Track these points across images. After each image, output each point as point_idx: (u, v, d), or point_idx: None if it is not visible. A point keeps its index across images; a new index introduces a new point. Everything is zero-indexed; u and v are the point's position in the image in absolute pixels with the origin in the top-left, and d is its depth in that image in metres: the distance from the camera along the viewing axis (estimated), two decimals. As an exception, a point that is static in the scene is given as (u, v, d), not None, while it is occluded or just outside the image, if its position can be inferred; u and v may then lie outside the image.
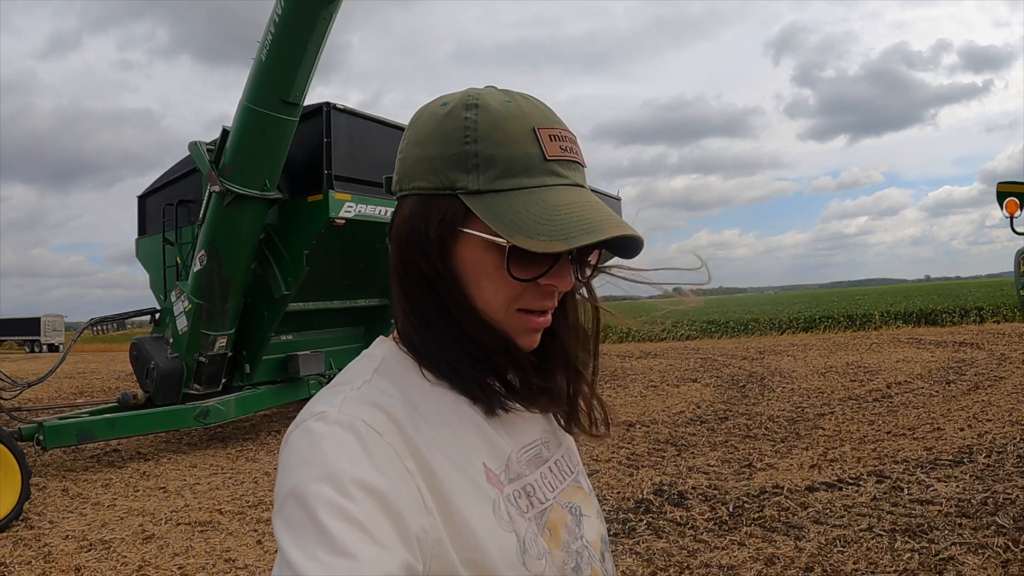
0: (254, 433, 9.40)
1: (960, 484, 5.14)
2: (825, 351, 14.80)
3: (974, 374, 10.24)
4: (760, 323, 24.73)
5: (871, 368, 11.70)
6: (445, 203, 0.77)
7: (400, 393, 0.77)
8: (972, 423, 7.12)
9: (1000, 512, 4.48)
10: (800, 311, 28.14)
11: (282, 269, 8.08)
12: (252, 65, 7.08)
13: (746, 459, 6.34)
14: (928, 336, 16.62)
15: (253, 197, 7.51)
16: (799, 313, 26.67)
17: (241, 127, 7.29)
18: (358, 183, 8.28)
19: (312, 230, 7.93)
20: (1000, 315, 21.46)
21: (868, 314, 24.05)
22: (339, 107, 8.18)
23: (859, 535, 4.27)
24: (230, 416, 8.39)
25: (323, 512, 0.61)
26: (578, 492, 0.89)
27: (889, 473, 5.53)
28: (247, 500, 6.01)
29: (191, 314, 8.05)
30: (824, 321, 23.81)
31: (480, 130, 0.76)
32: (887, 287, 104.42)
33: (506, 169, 0.75)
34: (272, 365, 8.89)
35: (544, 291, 0.80)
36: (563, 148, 0.78)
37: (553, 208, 0.74)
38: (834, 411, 8.35)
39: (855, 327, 22.52)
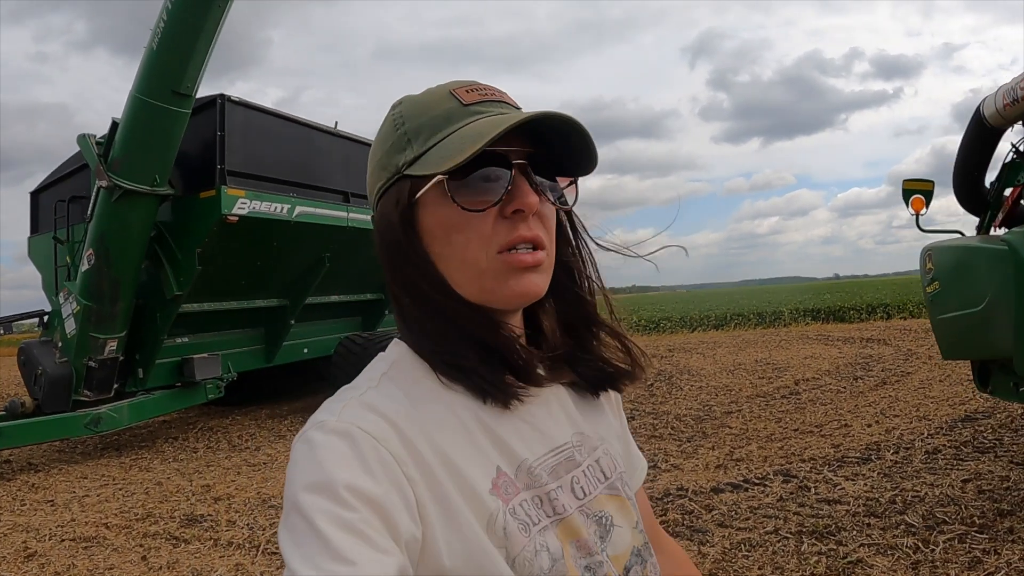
0: (150, 440, 9.10)
1: (868, 482, 5.13)
2: (734, 348, 15.02)
3: (881, 370, 10.48)
4: (671, 321, 25.09)
5: (780, 365, 11.88)
6: (397, 186, 0.82)
7: (407, 398, 0.78)
8: (879, 419, 7.22)
9: (909, 511, 4.47)
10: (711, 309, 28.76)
11: (174, 268, 7.90)
12: (143, 54, 6.91)
13: (651, 460, 6.22)
14: (836, 333, 17.09)
15: (142, 193, 7.34)
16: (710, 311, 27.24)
17: (130, 119, 7.15)
18: (254, 179, 8.14)
19: (204, 227, 7.77)
20: (906, 312, 22.35)
21: (778, 311, 24.73)
22: (234, 99, 8.04)
23: (764, 538, 4.17)
24: (123, 423, 8.13)
25: (321, 521, 0.62)
26: (613, 500, 0.87)
27: (796, 472, 5.50)
28: (135, 513, 5.79)
29: (80, 316, 7.79)
30: (735, 319, 24.35)
31: (406, 114, 0.83)
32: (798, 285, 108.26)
33: (432, 129, 0.80)
34: (167, 369, 8.62)
35: (515, 220, 0.79)
36: (481, 94, 0.83)
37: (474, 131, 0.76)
38: (741, 409, 8.37)
39: (765, 324, 23.05)
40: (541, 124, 0.79)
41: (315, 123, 9.39)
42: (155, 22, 6.71)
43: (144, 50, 6.91)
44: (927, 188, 5.32)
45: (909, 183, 5.33)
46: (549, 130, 0.80)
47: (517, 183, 0.79)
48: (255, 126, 8.43)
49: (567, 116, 0.78)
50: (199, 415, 10.64)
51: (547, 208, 0.83)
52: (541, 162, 0.82)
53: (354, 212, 9.40)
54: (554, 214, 0.86)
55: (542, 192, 0.81)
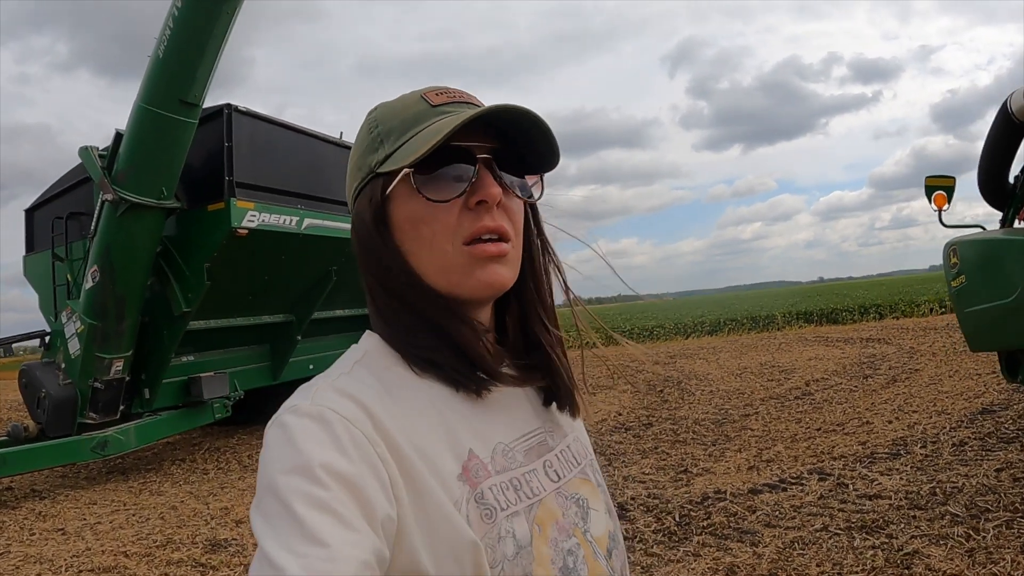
0: (157, 463, 8.89)
1: (903, 476, 5.17)
2: (736, 353, 15.08)
3: (888, 368, 10.56)
4: (665, 328, 25.17)
5: (785, 367, 11.93)
6: (370, 185, 0.84)
7: (379, 383, 0.79)
8: (899, 415, 7.27)
9: (951, 501, 4.52)
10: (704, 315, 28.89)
11: (182, 284, 7.68)
12: (148, 63, 6.72)
13: (680, 465, 6.24)
14: (833, 334, 17.19)
15: (149, 206, 7.13)
16: (703, 317, 27.37)
17: (136, 130, 6.94)
18: (262, 190, 7.97)
19: (213, 241, 7.57)
20: (898, 311, 22.57)
21: (771, 315, 24.90)
22: (241, 109, 7.87)
23: (816, 535, 4.18)
24: (130, 446, 7.89)
25: (294, 501, 0.63)
26: (585, 484, 0.89)
27: (830, 470, 5.52)
28: (154, 540, 5.55)
29: (84, 336, 7.58)
30: (729, 324, 24.45)
31: (379, 118, 0.86)
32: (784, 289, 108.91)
33: (402, 129, 0.83)
34: (174, 389, 8.39)
35: (479, 211, 0.81)
36: (449, 96, 0.86)
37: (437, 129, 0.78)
38: (758, 411, 8.40)
39: (759, 328, 23.17)
40: (505, 122, 0.82)
41: (320, 133, 9.26)
42: (161, 29, 6.53)
43: (149, 59, 6.74)
44: (949, 184, 5.40)
45: (931, 179, 5.41)
46: (512, 127, 0.83)
47: (481, 176, 0.81)
48: (262, 136, 8.28)
49: (524, 109, 0.80)
50: (204, 435, 10.47)
51: (513, 202, 0.85)
52: (508, 159, 0.84)
53: None
54: (521, 209, 0.87)
55: (507, 186, 0.83)
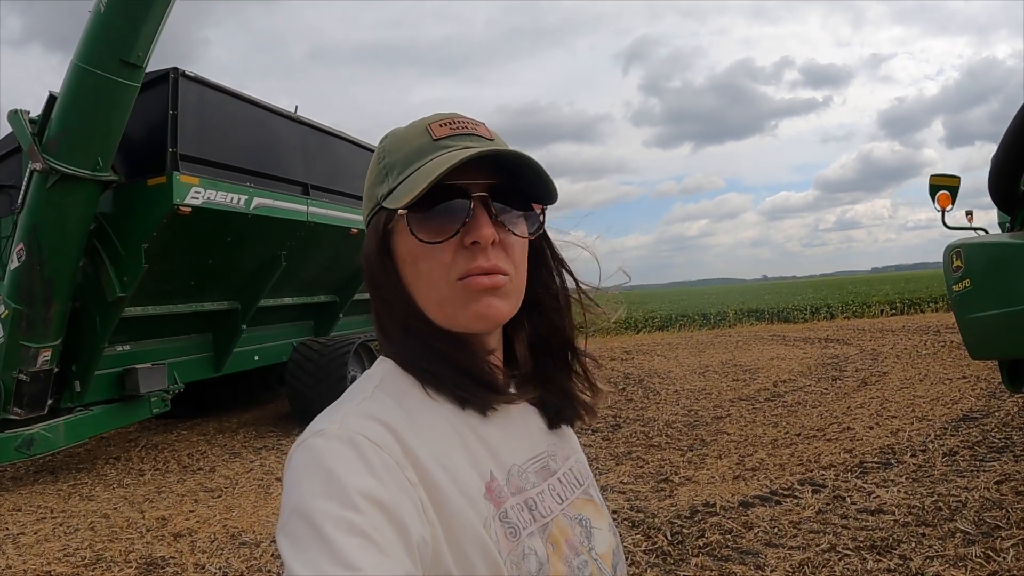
0: (90, 462, 8.28)
1: (901, 488, 4.95)
2: (694, 350, 14.96)
3: (855, 370, 10.49)
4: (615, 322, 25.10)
5: (748, 366, 11.81)
6: (377, 217, 0.88)
7: (400, 407, 0.80)
8: (879, 421, 7.11)
9: (958, 517, 4.34)
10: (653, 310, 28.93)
11: (117, 267, 7.04)
12: (89, 19, 6.15)
13: (660, 472, 5.91)
14: (790, 333, 17.27)
15: (82, 178, 6.51)
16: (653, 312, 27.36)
17: (71, 92, 6.34)
18: (209, 165, 7.37)
19: (152, 219, 6.93)
20: (849, 311, 22.92)
21: (722, 312, 25.02)
22: (189, 75, 7.22)
23: (824, 557, 3.88)
24: (59, 444, 7.27)
25: (327, 526, 0.63)
26: (588, 504, 0.93)
27: (821, 481, 5.27)
28: (82, 556, 4.97)
29: (8, 322, 6.95)
30: (680, 319, 24.47)
31: (388, 148, 0.90)
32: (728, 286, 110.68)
33: (405, 163, 0.85)
34: (107, 381, 7.72)
35: (473, 251, 0.82)
36: (452, 128, 0.87)
37: (435, 166, 0.80)
38: (730, 413, 8.17)
39: (711, 325, 23.24)
40: (503, 156, 0.83)
41: (275, 106, 8.67)
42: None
43: (90, 15, 6.19)
44: (953, 184, 5.19)
45: (936, 179, 5.20)
46: (508, 164, 0.84)
47: (476, 215, 0.82)
48: (211, 106, 7.67)
49: (514, 153, 0.83)
50: (141, 431, 9.83)
51: (510, 237, 0.86)
52: (510, 191, 0.86)
53: (314, 206, 8.77)
54: (522, 242, 0.88)
55: (502, 223, 0.84)
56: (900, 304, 22.96)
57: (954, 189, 5.17)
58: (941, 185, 5.16)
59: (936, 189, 5.15)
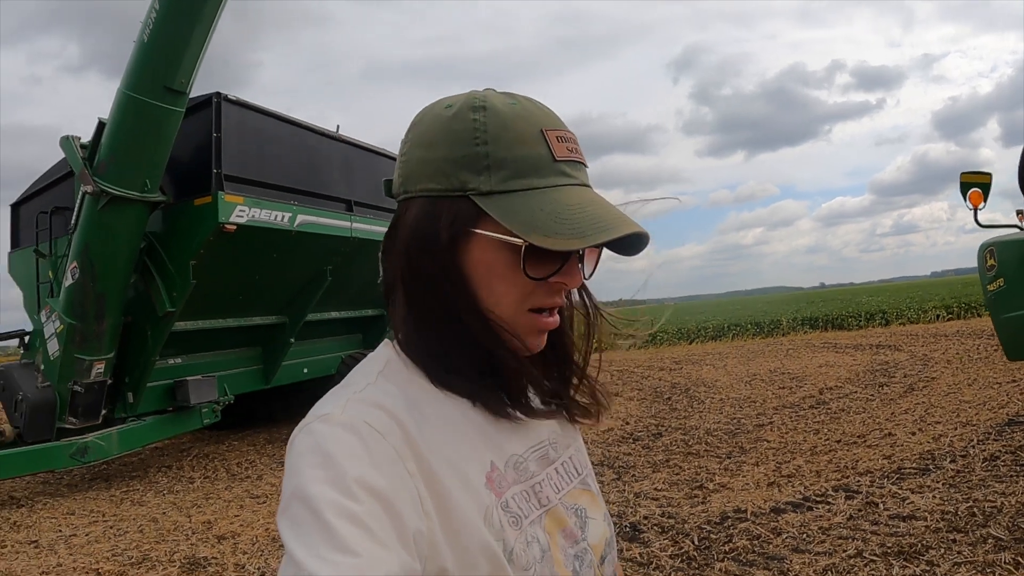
0: (142, 470, 8.57)
1: (936, 494, 4.84)
2: (743, 359, 14.76)
3: (903, 376, 10.25)
4: (668, 333, 24.87)
5: (796, 374, 11.63)
6: (456, 205, 0.79)
7: (403, 394, 0.79)
8: (922, 427, 6.96)
9: (991, 523, 4.20)
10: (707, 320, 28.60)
11: (166, 283, 7.36)
12: (133, 48, 6.44)
13: (695, 479, 5.90)
14: (842, 340, 16.91)
15: (131, 199, 6.84)
16: (706, 322, 27.06)
17: (118, 118, 6.67)
18: (253, 184, 7.64)
19: (199, 237, 7.24)
20: (905, 318, 22.28)
21: (775, 321, 24.60)
22: (231, 98, 7.58)
23: (850, 563, 3.84)
24: (112, 452, 7.60)
25: (327, 512, 0.63)
26: (584, 494, 0.93)
27: (856, 487, 5.19)
28: (129, 556, 5.18)
29: (63, 336, 7.28)
30: (733, 329, 24.16)
31: (490, 131, 0.78)
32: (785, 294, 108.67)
33: (517, 170, 0.77)
34: (159, 393, 8.06)
35: (553, 289, 0.82)
36: (569, 149, 0.81)
37: (566, 207, 0.77)
38: (772, 421, 8.08)
39: (764, 334, 22.89)
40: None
41: (316, 126, 8.93)
42: (146, 12, 6.27)
43: (134, 44, 6.47)
44: (985, 181, 5.08)
45: (967, 176, 5.10)
46: None
47: (572, 262, 0.82)
48: (253, 128, 7.96)
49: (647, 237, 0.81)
50: (193, 441, 10.15)
51: None
52: None
53: (357, 222, 8.94)
54: None
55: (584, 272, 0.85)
56: (957, 308, 22.23)
57: (986, 187, 5.07)
58: (972, 183, 5.06)
59: (968, 187, 5.05)
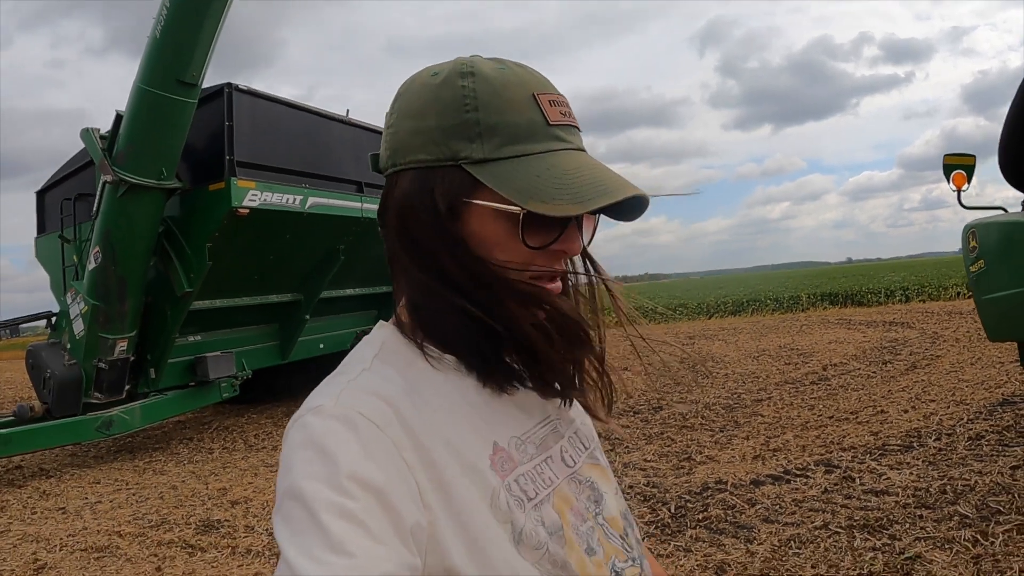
0: (165, 442, 8.96)
1: (914, 471, 4.96)
2: (756, 334, 14.83)
3: (909, 353, 10.28)
4: (688, 308, 24.89)
5: (804, 350, 11.69)
6: (449, 174, 0.77)
7: (401, 378, 0.77)
8: (916, 404, 7.04)
9: (961, 500, 4.30)
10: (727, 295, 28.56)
11: (184, 265, 7.74)
12: (146, 43, 6.78)
13: (684, 452, 6.06)
14: (857, 317, 16.89)
15: (148, 187, 7.21)
16: (726, 297, 27.04)
17: (135, 110, 7.01)
18: (264, 169, 7.98)
19: (214, 221, 7.61)
20: (925, 295, 22.10)
21: (795, 296, 24.53)
22: (241, 88, 7.90)
23: (814, 533, 4.00)
24: (135, 425, 8.04)
25: (321, 510, 0.61)
26: (595, 468, 0.91)
27: (838, 462, 5.33)
28: (149, 520, 5.60)
29: (87, 317, 7.67)
30: (752, 304, 24.14)
31: (480, 98, 0.77)
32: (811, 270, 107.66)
33: (510, 136, 0.76)
34: (179, 368, 8.49)
35: (555, 255, 0.81)
36: (563, 113, 0.80)
37: (563, 172, 0.75)
38: (772, 396, 8.20)
39: (783, 309, 22.86)
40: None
41: (325, 111, 9.21)
42: (158, 9, 6.57)
43: (147, 39, 6.78)
44: (969, 163, 5.11)
45: (950, 157, 5.12)
46: None
47: (571, 229, 0.80)
48: (264, 115, 8.26)
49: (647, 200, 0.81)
50: (214, 415, 10.50)
51: None
52: None
53: (368, 202, 9.19)
54: None
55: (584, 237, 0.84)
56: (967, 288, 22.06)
57: (970, 168, 5.09)
58: (956, 164, 5.09)
59: (951, 169, 5.08)
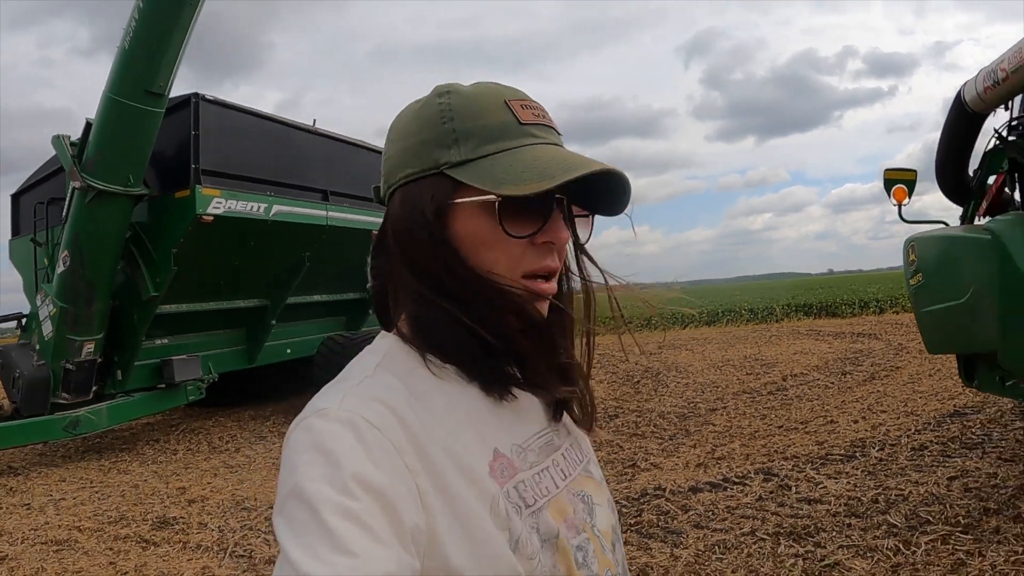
0: (132, 443, 9.07)
1: (851, 480, 5.01)
2: (724, 344, 14.91)
3: (870, 364, 10.38)
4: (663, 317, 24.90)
5: (768, 361, 11.77)
6: (433, 181, 0.80)
7: (403, 386, 0.78)
8: (866, 415, 7.11)
9: (891, 510, 4.35)
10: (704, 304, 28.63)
11: (150, 269, 7.88)
12: (116, 53, 6.91)
13: (631, 459, 6.11)
14: (827, 328, 16.99)
15: (116, 193, 7.33)
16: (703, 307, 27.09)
17: (103, 119, 7.14)
18: (230, 178, 8.12)
19: (180, 227, 7.76)
20: (899, 306, 22.23)
21: (769, 307, 24.60)
22: (208, 98, 8.04)
23: (740, 540, 4.05)
24: (102, 426, 8.11)
25: (325, 510, 0.61)
26: (588, 481, 0.91)
27: (778, 470, 5.38)
28: (108, 516, 5.75)
29: (56, 319, 7.80)
30: (727, 314, 24.17)
31: (455, 109, 0.80)
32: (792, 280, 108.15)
33: (485, 137, 0.79)
34: (146, 371, 8.59)
35: (543, 250, 0.81)
36: (535, 114, 0.83)
37: (535, 159, 0.77)
38: (727, 406, 8.26)
39: (757, 320, 22.93)
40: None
41: (292, 121, 9.35)
42: (127, 21, 6.67)
43: (117, 50, 6.89)
44: (910, 177, 5.17)
45: (891, 172, 5.17)
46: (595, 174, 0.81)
47: (555, 217, 0.81)
48: (230, 125, 8.40)
49: (625, 178, 0.82)
50: (183, 417, 10.53)
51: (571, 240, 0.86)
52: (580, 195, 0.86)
53: (333, 211, 9.35)
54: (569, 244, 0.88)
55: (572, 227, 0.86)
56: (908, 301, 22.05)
57: (911, 183, 5.15)
58: (897, 179, 5.15)
59: (891, 183, 5.14)
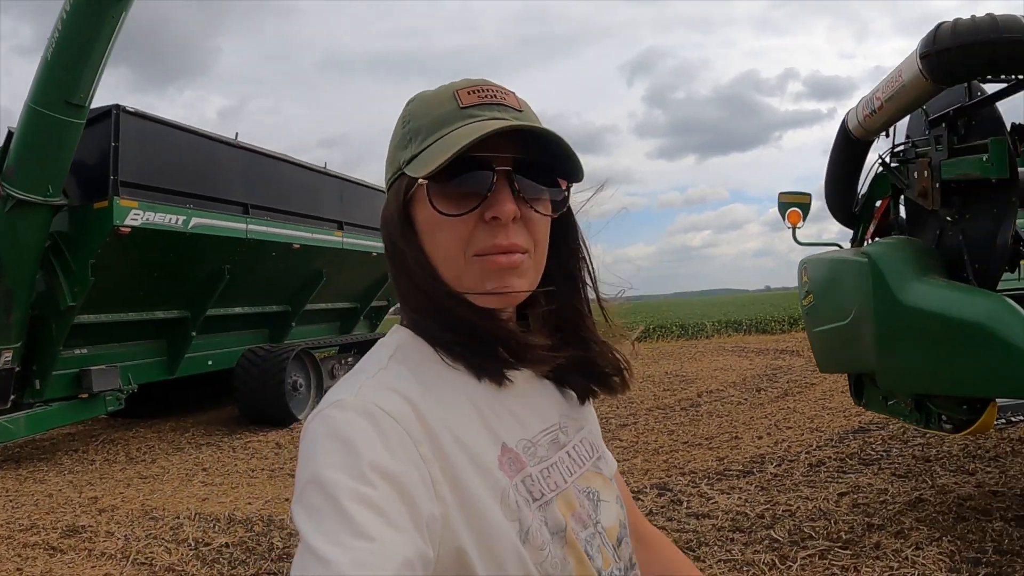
0: (50, 453, 9.00)
1: (743, 496, 5.04)
2: (649, 360, 15.04)
3: (787, 381, 10.54)
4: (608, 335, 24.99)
5: (688, 377, 11.90)
6: (399, 182, 0.86)
7: (415, 377, 0.80)
8: (771, 431, 7.18)
9: (776, 525, 4.38)
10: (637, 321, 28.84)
11: (68, 279, 7.84)
12: (39, 64, 6.92)
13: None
14: (753, 344, 17.25)
15: (35, 203, 7.31)
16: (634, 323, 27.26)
17: (24, 129, 7.14)
18: (149, 190, 8.12)
19: (98, 238, 7.75)
20: (827, 324, 22.58)
21: (700, 324, 24.88)
22: (129, 110, 8.04)
23: (621, 555, 3.99)
24: (19, 434, 8.08)
25: (343, 497, 0.62)
26: (597, 477, 0.92)
27: (673, 486, 5.41)
28: (20, 524, 5.78)
29: None
30: (658, 331, 24.35)
31: (413, 113, 0.87)
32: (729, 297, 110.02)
33: (428, 130, 0.83)
34: (65, 380, 8.45)
35: (492, 228, 0.81)
36: (480, 96, 0.84)
37: (458, 136, 0.78)
38: (637, 422, 8.30)
39: (687, 336, 23.17)
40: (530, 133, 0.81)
41: (214, 134, 9.35)
42: (51, 32, 6.68)
43: (40, 60, 6.89)
44: (804, 201, 5.28)
45: (785, 196, 5.28)
46: (535, 138, 0.82)
47: (498, 190, 0.81)
48: (152, 137, 8.39)
49: (541, 129, 0.81)
50: (104, 428, 10.43)
51: (532, 213, 0.84)
52: (536, 166, 0.84)
53: (254, 224, 9.33)
54: (546, 219, 0.87)
55: (525, 199, 0.83)
56: (801, 322, 22.56)
57: (805, 206, 5.26)
58: (791, 203, 5.24)
59: (786, 207, 5.24)
